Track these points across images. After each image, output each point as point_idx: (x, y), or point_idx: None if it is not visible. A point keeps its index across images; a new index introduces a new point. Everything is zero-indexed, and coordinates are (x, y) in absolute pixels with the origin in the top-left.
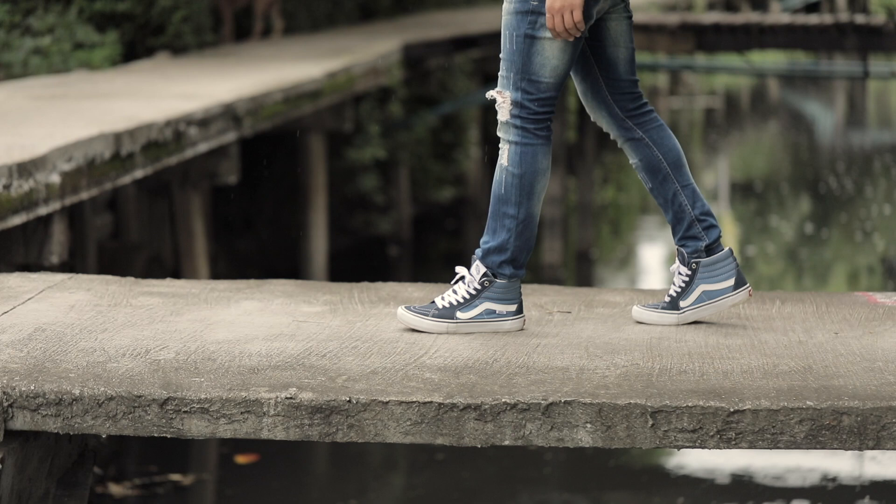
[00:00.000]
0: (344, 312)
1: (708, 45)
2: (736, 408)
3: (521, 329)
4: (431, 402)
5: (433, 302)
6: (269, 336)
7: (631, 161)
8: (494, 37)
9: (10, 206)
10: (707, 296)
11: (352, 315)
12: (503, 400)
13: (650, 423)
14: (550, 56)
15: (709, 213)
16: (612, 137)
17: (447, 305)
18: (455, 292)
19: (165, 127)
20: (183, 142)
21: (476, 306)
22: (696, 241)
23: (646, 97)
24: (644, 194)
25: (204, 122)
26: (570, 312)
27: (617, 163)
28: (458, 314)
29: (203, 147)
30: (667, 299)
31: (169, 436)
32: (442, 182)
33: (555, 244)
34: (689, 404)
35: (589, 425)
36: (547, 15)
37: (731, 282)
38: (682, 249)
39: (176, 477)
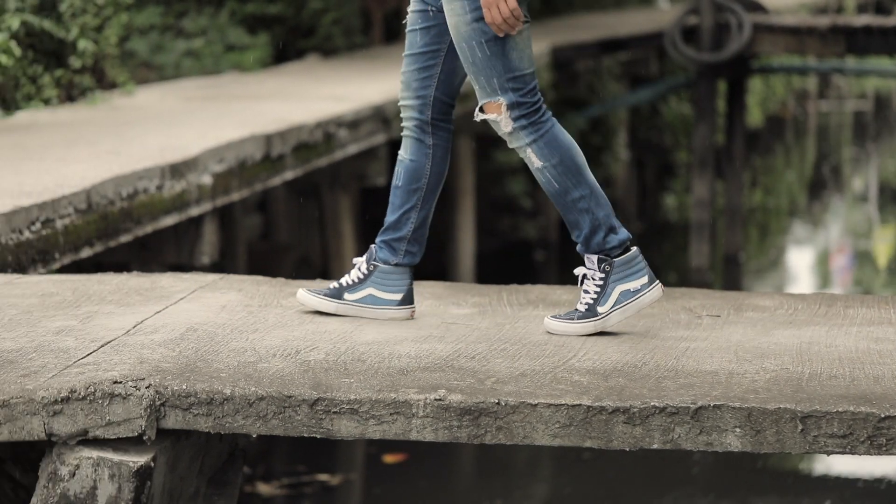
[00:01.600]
0: (493, 314)
1: (858, 47)
2: (887, 413)
3: (661, 295)
4: (580, 404)
5: (576, 309)
6: (418, 338)
7: (401, 153)
8: (643, 39)
9: (162, 207)
10: (371, 300)
11: (500, 317)
12: (652, 403)
13: (800, 428)
14: (524, 46)
15: (421, 243)
16: (402, 123)
17: (586, 307)
18: (587, 292)
19: (315, 129)
20: (333, 143)
21: (610, 294)
22: (391, 252)
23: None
24: (792, 197)
25: (354, 123)
26: (719, 316)
27: (765, 166)
28: (599, 308)
29: (352, 149)
30: (333, 286)
31: (318, 436)
32: None
33: (703, 247)
34: (840, 410)
35: (738, 430)
36: (483, 10)
37: (399, 297)
38: (375, 249)
39: (323, 477)
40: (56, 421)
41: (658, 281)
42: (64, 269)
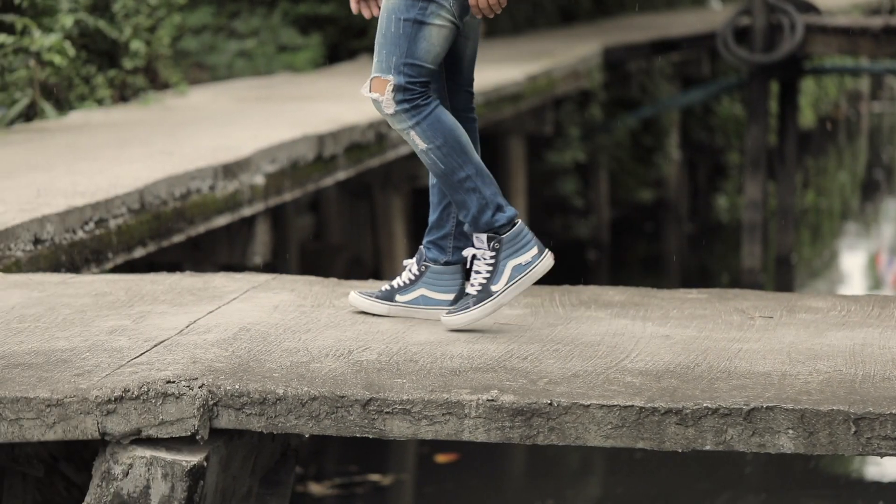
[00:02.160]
0: (545, 315)
1: None
2: None
3: (552, 264)
4: (632, 405)
5: (467, 294)
6: (470, 338)
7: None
8: (695, 40)
9: (214, 207)
10: (424, 301)
11: (553, 318)
12: (704, 405)
13: (853, 430)
14: (436, 43)
15: (467, 237)
16: None
17: (480, 289)
18: (478, 272)
19: (368, 129)
20: (385, 144)
21: (503, 271)
22: (439, 251)
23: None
24: (845, 199)
25: None
26: (771, 317)
27: (817, 167)
28: (493, 287)
29: (404, 149)
30: (385, 288)
31: (371, 436)
32: (641, 185)
33: (755, 249)
34: (893, 412)
35: (791, 431)
36: None
37: (451, 297)
38: (424, 250)
39: (375, 477)
40: (109, 420)
41: (547, 250)
42: (117, 269)
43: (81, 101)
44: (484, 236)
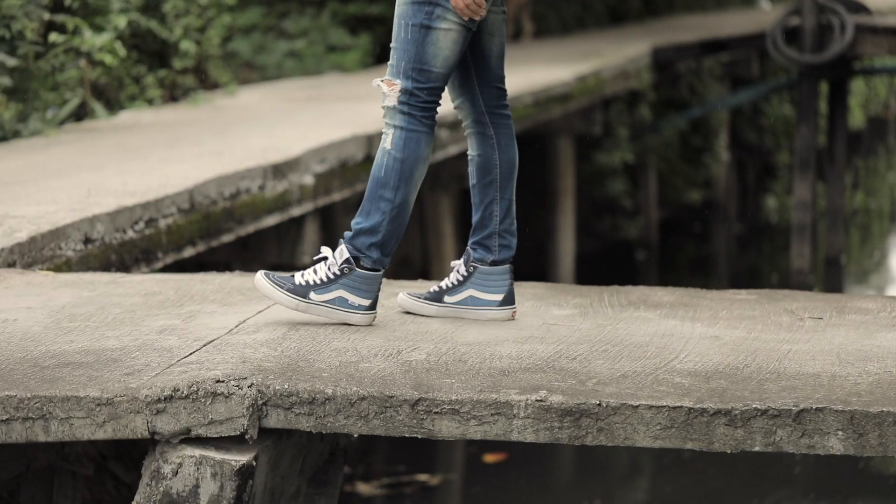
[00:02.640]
0: (594, 316)
1: None
2: None
3: (370, 325)
4: (681, 406)
5: (292, 276)
6: (519, 338)
7: (469, 152)
8: (744, 40)
9: (264, 207)
10: (472, 301)
11: (602, 318)
12: (754, 406)
13: None
14: (443, 47)
15: (512, 233)
16: (462, 125)
17: (303, 283)
18: (315, 272)
19: None
20: (434, 144)
21: (331, 291)
22: (486, 251)
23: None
24: (894, 200)
25: (454, 124)
26: (821, 318)
27: (867, 168)
28: (312, 294)
29: (453, 149)
30: (433, 289)
31: (419, 436)
32: (690, 186)
33: (804, 249)
34: None
35: (840, 433)
36: None
37: (500, 297)
38: (470, 251)
39: (423, 477)
40: (159, 419)
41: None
42: (167, 269)
43: (132, 100)
44: (347, 252)
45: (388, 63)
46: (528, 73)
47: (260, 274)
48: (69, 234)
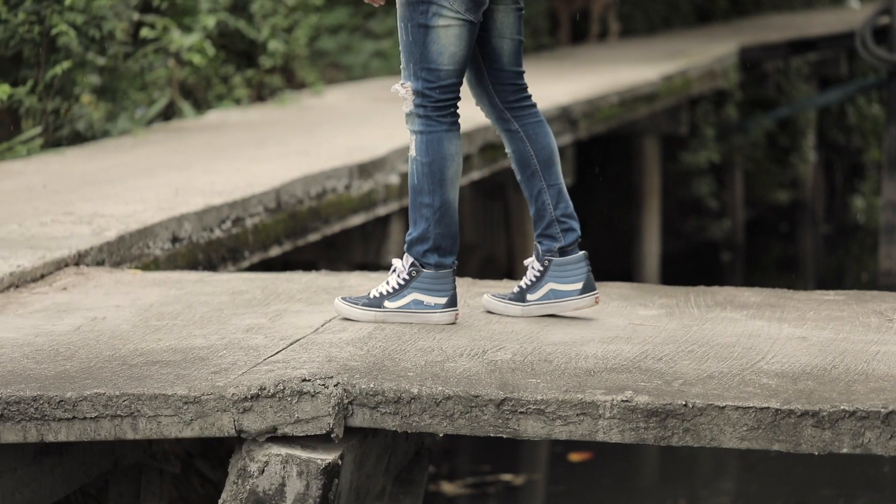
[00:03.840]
0: (680, 316)
1: None
2: None
3: (452, 323)
4: (768, 407)
5: (368, 294)
6: (604, 338)
7: (506, 151)
8: (833, 40)
9: (350, 206)
10: (554, 294)
11: (688, 319)
12: (842, 407)
13: None
14: (446, 43)
15: (570, 216)
16: (492, 125)
17: (377, 295)
18: (387, 283)
19: None
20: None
21: (404, 296)
22: (551, 240)
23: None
24: None
25: None
26: None
27: None
28: (387, 303)
29: None
30: (515, 290)
31: (505, 436)
32: (777, 186)
33: (892, 250)
34: None
35: None
36: None
37: (580, 285)
38: (538, 246)
39: (507, 477)
40: (246, 418)
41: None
42: (253, 268)
43: (219, 100)
44: (409, 260)
45: (401, 66)
46: (614, 73)
47: (337, 299)
48: (157, 233)
